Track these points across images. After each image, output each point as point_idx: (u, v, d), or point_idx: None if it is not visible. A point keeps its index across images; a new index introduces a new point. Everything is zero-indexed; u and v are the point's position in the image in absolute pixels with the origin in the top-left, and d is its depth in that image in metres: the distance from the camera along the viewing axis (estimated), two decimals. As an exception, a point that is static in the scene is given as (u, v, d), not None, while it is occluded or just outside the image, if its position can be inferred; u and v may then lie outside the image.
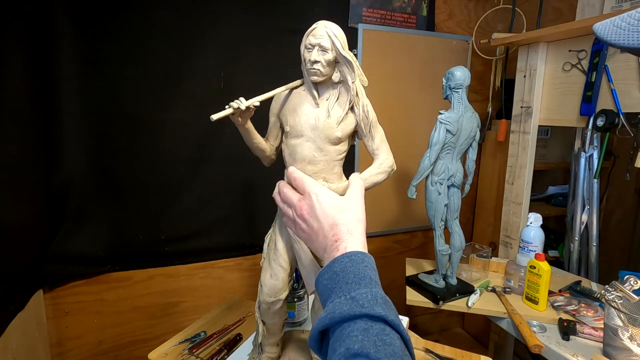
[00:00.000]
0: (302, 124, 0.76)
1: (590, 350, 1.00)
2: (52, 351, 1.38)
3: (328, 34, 0.71)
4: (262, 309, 0.85)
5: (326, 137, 0.76)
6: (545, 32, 1.34)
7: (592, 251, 1.49)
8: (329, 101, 0.77)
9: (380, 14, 1.68)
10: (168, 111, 1.40)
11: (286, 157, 0.80)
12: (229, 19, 1.42)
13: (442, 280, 1.30)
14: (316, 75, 0.73)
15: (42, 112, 1.21)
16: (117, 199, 1.39)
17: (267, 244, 0.86)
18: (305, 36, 0.74)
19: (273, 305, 0.83)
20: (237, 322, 1.17)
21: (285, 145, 0.80)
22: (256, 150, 0.84)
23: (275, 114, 0.83)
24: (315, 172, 0.76)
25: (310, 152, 0.76)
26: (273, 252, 0.83)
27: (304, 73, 0.77)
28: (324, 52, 0.72)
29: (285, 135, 0.80)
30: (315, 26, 0.73)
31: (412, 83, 1.81)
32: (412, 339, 1.10)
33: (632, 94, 1.19)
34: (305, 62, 0.74)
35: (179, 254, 1.52)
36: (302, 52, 0.75)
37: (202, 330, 1.12)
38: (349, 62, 0.73)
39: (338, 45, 0.72)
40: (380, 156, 0.82)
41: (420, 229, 2.01)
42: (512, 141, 1.58)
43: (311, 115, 0.76)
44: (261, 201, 1.55)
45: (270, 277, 0.82)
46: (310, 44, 0.72)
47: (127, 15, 1.30)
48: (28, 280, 1.22)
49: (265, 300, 0.82)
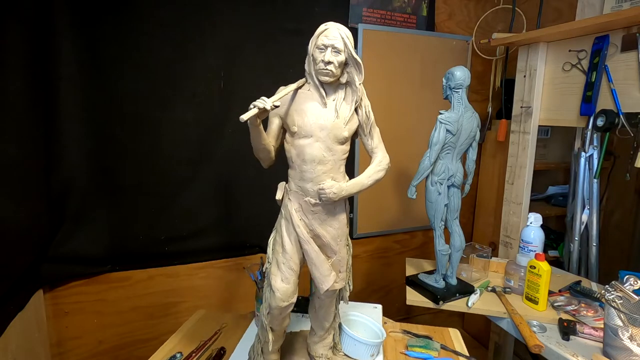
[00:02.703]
0: (311, 124, 0.76)
1: (590, 350, 1.00)
2: (52, 351, 1.38)
3: (341, 35, 0.73)
4: (273, 314, 0.82)
5: (335, 137, 0.77)
6: (545, 32, 1.34)
7: (592, 251, 1.49)
8: (336, 101, 0.78)
9: (380, 14, 1.68)
10: (168, 111, 1.40)
11: (293, 157, 0.79)
12: (229, 19, 1.42)
13: (442, 280, 1.30)
14: (327, 75, 0.74)
15: (42, 112, 1.21)
16: (117, 199, 1.39)
17: (271, 247, 0.83)
18: (315, 36, 0.74)
19: (285, 309, 0.81)
20: (213, 336, 1.06)
21: (292, 146, 0.79)
22: (262, 152, 0.80)
23: (277, 114, 0.81)
24: (324, 172, 0.78)
25: (320, 152, 0.77)
26: (281, 255, 0.80)
27: (310, 73, 0.77)
28: (337, 53, 0.73)
29: (292, 136, 0.79)
30: (327, 27, 0.73)
31: (412, 83, 1.81)
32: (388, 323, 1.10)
33: (632, 94, 1.19)
34: (316, 62, 0.74)
35: (179, 254, 1.52)
36: (311, 51, 0.75)
37: (177, 352, 0.99)
38: (359, 64, 0.76)
39: (350, 48, 0.74)
40: (379, 154, 0.84)
41: (420, 229, 2.01)
42: (512, 141, 1.58)
43: (320, 116, 0.77)
44: (261, 201, 1.54)
45: (282, 280, 0.79)
46: (323, 44, 0.73)
47: (127, 15, 1.30)
48: (28, 280, 1.22)
49: (278, 305, 0.79)
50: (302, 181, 0.78)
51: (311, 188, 0.78)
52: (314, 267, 0.81)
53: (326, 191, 0.76)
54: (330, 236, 0.82)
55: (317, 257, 0.80)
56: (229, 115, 1.47)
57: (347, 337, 0.96)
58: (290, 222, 0.80)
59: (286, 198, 0.82)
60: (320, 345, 0.93)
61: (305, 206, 0.80)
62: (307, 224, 0.80)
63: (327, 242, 0.82)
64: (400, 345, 1.03)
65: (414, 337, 1.06)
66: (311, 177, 0.78)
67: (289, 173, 0.82)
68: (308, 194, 0.79)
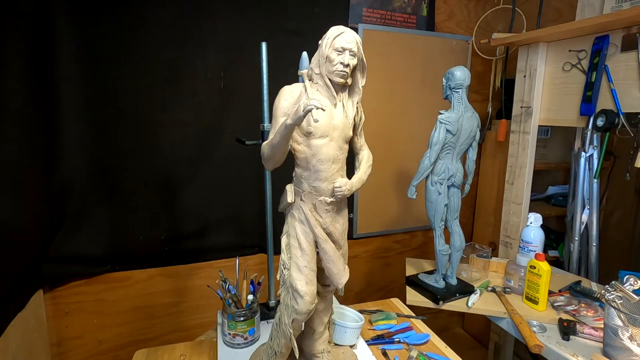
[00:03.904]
0: (326, 125, 0.78)
1: (590, 350, 1.00)
2: (52, 351, 1.39)
3: (356, 40, 0.77)
4: (298, 321, 0.80)
5: (344, 137, 0.81)
6: (545, 32, 1.34)
7: (592, 251, 1.49)
8: (342, 102, 0.81)
9: (380, 14, 1.68)
10: (168, 111, 1.40)
11: (308, 158, 0.79)
12: (229, 19, 1.42)
13: (442, 280, 1.30)
14: (343, 77, 0.78)
15: (42, 112, 1.21)
16: (117, 199, 1.39)
17: (287, 253, 0.82)
18: (331, 38, 0.77)
19: (310, 312, 0.80)
20: None
21: (307, 147, 0.79)
22: (283, 153, 0.78)
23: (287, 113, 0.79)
24: (337, 170, 0.81)
25: (334, 151, 0.80)
26: (301, 258, 0.80)
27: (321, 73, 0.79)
28: (352, 57, 0.77)
29: (306, 136, 0.79)
30: (343, 30, 0.77)
31: (412, 83, 1.81)
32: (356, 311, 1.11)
33: (632, 94, 1.19)
34: (332, 64, 0.77)
35: (179, 254, 1.52)
36: (326, 53, 0.77)
37: None
38: (365, 67, 0.81)
39: (362, 52, 0.79)
40: (365, 152, 0.90)
41: (420, 229, 2.01)
42: (512, 141, 1.58)
43: (333, 116, 0.79)
44: (261, 201, 1.54)
45: (307, 283, 0.79)
46: (342, 47, 0.76)
47: (127, 15, 1.30)
48: (28, 280, 1.22)
49: (308, 308, 0.78)
50: (318, 181, 0.80)
51: (326, 187, 0.80)
52: (332, 264, 0.83)
53: (342, 189, 0.79)
54: (339, 232, 0.85)
55: (334, 253, 0.83)
56: (229, 115, 1.47)
57: (336, 327, 1.00)
58: (306, 224, 0.81)
59: (298, 200, 0.82)
60: (320, 341, 0.93)
61: (319, 205, 0.81)
62: (321, 223, 0.82)
63: (336, 238, 0.84)
64: (366, 323, 1.15)
65: (373, 313, 1.19)
66: (327, 177, 0.80)
67: (300, 174, 0.81)
68: (323, 193, 0.80)
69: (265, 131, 1.06)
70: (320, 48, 0.78)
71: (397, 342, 1.05)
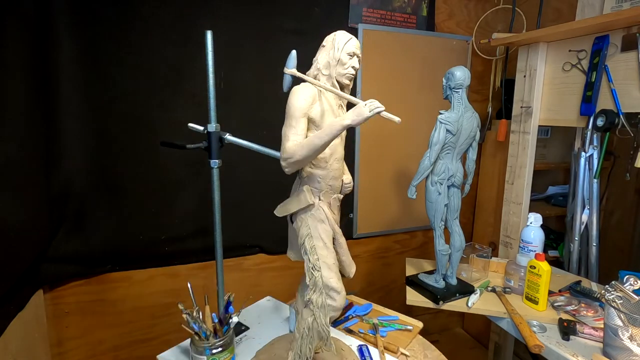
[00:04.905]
0: None
1: (590, 350, 1.00)
2: (52, 351, 1.38)
3: (359, 47, 0.84)
4: (334, 318, 0.82)
5: (344, 135, 0.86)
6: (545, 32, 1.34)
7: (592, 251, 1.49)
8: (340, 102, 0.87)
9: (380, 14, 1.68)
10: (168, 111, 1.40)
11: (327, 157, 0.82)
12: (229, 19, 1.42)
13: (442, 280, 1.30)
14: (351, 80, 0.85)
15: (42, 112, 1.21)
16: (117, 199, 1.39)
17: (314, 254, 0.81)
18: (342, 42, 0.81)
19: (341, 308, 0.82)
20: None
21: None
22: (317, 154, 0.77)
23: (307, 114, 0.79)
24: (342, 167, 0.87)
25: (343, 149, 0.86)
26: (328, 256, 0.81)
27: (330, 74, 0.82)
28: (359, 62, 0.84)
29: None
30: (351, 37, 0.83)
31: (412, 83, 1.81)
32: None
33: (632, 94, 1.19)
34: (344, 67, 0.81)
35: (179, 254, 1.52)
36: (339, 55, 0.81)
37: None
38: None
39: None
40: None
41: (420, 229, 2.01)
42: (512, 141, 1.58)
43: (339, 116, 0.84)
44: (261, 201, 1.55)
45: (338, 280, 0.81)
46: (353, 52, 0.82)
47: (127, 15, 1.30)
48: (28, 280, 1.22)
49: (343, 305, 0.81)
50: (334, 179, 0.84)
51: (338, 185, 0.86)
52: (346, 256, 0.89)
53: (350, 185, 0.87)
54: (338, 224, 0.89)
55: (345, 245, 0.89)
56: (229, 115, 1.47)
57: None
58: (327, 222, 0.84)
59: (316, 200, 0.84)
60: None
61: (333, 203, 0.86)
62: (335, 220, 0.87)
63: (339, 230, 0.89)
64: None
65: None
66: (339, 175, 0.85)
67: (317, 174, 0.82)
68: (336, 190, 0.86)
69: (212, 132, 1.03)
70: (331, 51, 0.81)
71: (352, 318, 1.19)
